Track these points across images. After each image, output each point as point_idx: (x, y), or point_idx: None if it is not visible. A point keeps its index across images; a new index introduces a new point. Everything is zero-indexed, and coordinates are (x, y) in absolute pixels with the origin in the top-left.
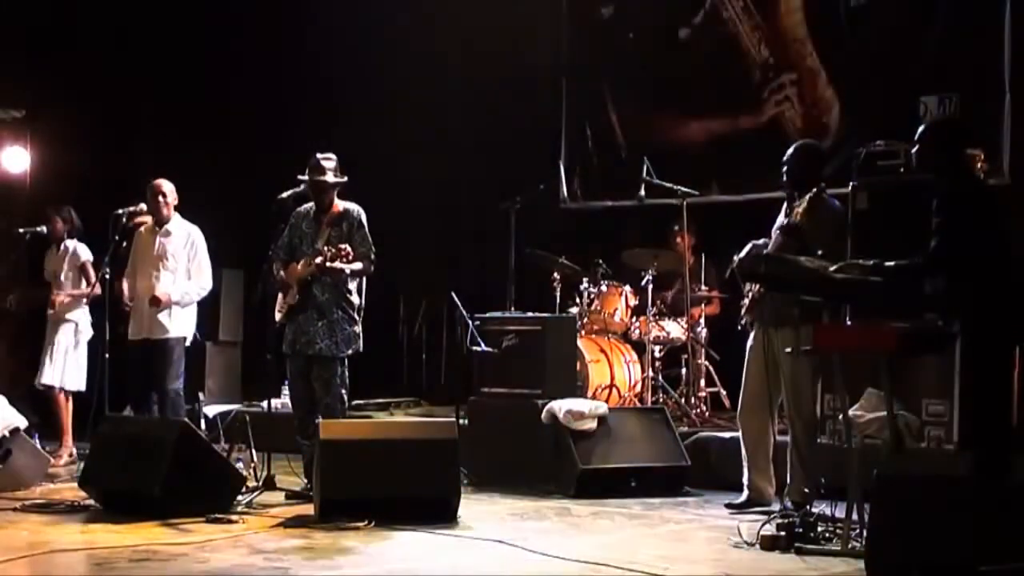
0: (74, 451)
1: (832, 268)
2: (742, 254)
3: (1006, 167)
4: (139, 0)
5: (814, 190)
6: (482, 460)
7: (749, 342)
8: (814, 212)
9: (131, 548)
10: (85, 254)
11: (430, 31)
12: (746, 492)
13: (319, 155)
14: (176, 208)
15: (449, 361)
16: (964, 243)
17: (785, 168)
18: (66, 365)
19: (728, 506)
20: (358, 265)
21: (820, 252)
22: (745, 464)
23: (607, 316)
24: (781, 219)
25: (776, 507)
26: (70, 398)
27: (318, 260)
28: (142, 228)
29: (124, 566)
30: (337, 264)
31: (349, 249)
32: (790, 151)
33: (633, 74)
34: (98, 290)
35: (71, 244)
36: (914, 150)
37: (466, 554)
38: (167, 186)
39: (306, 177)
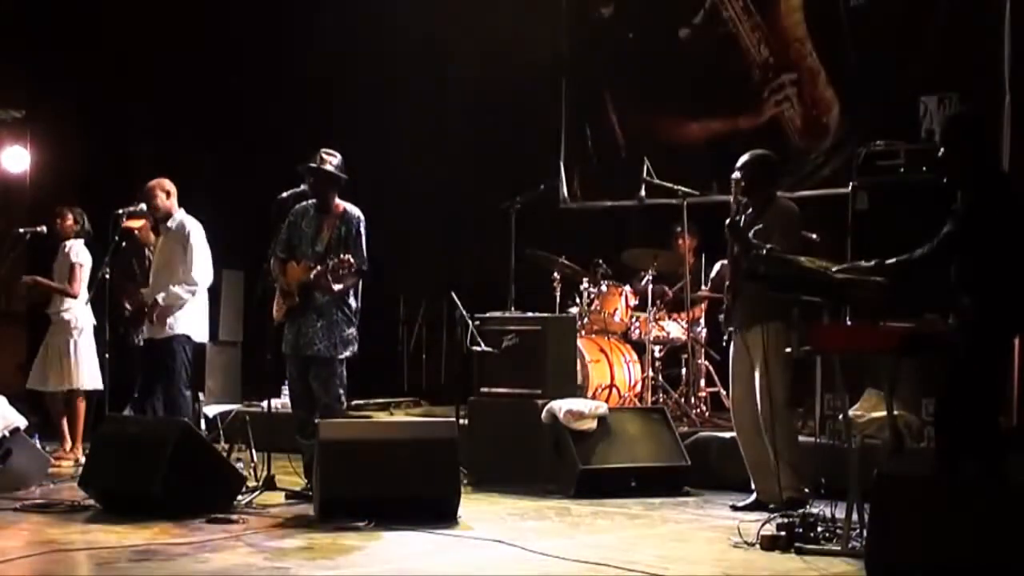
0: (81, 456)
1: (833, 268)
2: (715, 271)
3: (1006, 167)
4: (139, 1)
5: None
6: (482, 460)
7: (731, 349)
8: (773, 218)
9: (131, 548)
10: (76, 256)
11: (430, 31)
12: (754, 494)
13: (323, 150)
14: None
15: (449, 361)
16: (977, 236)
17: (736, 177)
18: (79, 365)
19: (734, 508)
20: (346, 283)
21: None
22: (748, 467)
23: (607, 316)
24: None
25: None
26: (83, 400)
27: (314, 273)
28: (139, 228)
29: (124, 566)
30: (332, 284)
31: (351, 259)
32: (742, 160)
33: (633, 74)
34: (75, 291)
35: (69, 244)
36: (940, 151)
37: (466, 554)
38: (153, 187)
39: (307, 166)
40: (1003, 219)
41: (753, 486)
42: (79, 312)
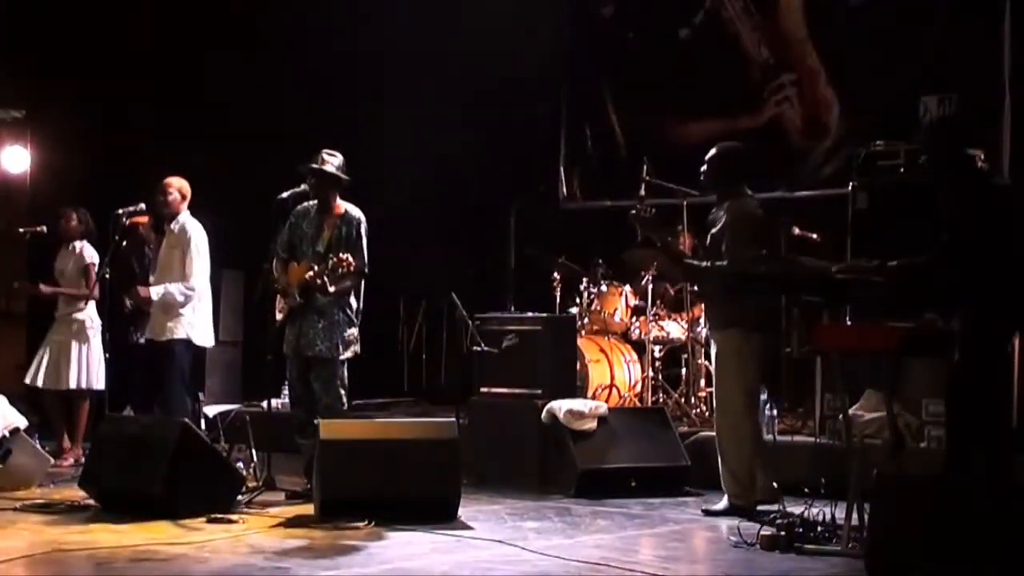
0: (82, 456)
1: (833, 268)
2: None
3: (1006, 167)
4: (139, 1)
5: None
6: (482, 460)
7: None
8: (729, 219)
9: (131, 548)
10: (90, 256)
11: (430, 31)
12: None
13: (325, 150)
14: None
15: (449, 361)
16: (972, 239)
17: (702, 171)
18: (89, 365)
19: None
20: (348, 283)
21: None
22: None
23: (607, 316)
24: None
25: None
26: (86, 400)
27: (310, 274)
28: (140, 225)
29: (124, 566)
30: (328, 285)
31: (351, 259)
32: (709, 153)
33: (633, 74)
34: (96, 293)
35: (79, 245)
36: (922, 157)
37: (466, 554)
38: (171, 183)
39: (307, 166)
40: (992, 220)
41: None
42: (92, 312)
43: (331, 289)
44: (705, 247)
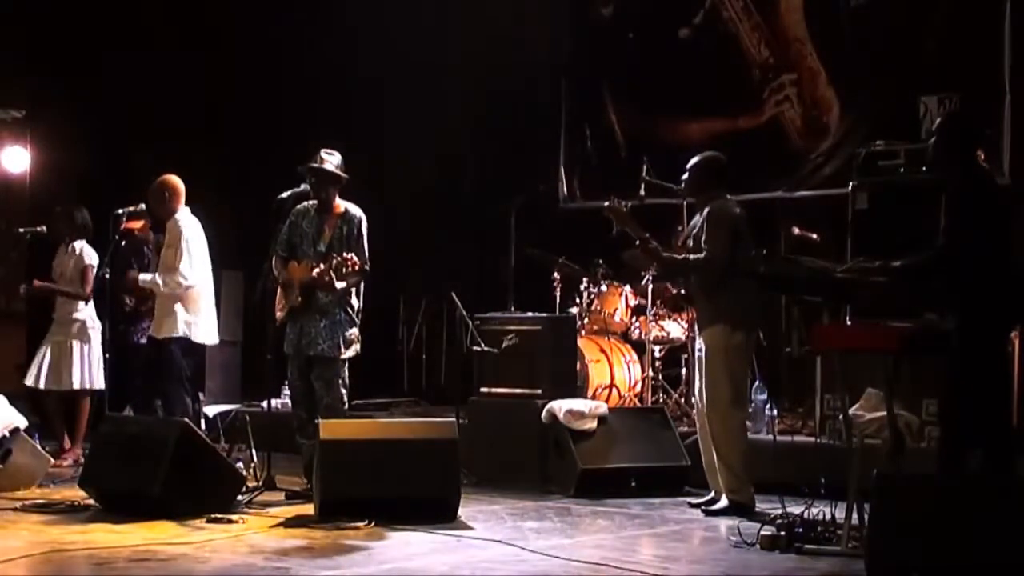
0: (81, 456)
1: (838, 270)
2: None
3: (1006, 167)
4: (140, 1)
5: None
6: (482, 460)
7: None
8: (707, 219)
9: (131, 548)
10: (89, 258)
11: (430, 31)
12: (711, 492)
13: (323, 149)
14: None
15: (449, 361)
16: (970, 241)
17: (683, 179)
18: (91, 364)
19: (691, 505)
20: (349, 281)
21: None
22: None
23: (607, 316)
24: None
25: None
26: (88, 400)
27: (317, 271)
28: (139, 229)
29: (124, 566)
30: (335, 282)
31: (355, 258)
32: (691, 162)
33: (633, 74)
34: (88, 294)
35: (78, 245)
36: (931, 143)
37: (466, 554)
38: (161, 184)
39: (307, 166)
40: (992, 220)
41: (709, 484)
42: (92, 313)
43: (338, 285)
44: (689, 249)
